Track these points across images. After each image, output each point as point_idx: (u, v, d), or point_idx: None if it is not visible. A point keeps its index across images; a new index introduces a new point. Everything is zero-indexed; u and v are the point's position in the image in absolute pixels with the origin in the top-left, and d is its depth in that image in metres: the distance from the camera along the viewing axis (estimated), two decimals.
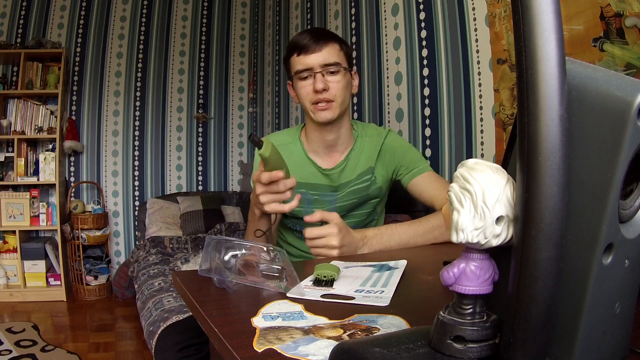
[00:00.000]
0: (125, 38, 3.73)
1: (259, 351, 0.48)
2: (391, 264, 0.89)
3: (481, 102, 1.65)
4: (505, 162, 0.41)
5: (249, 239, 1.09)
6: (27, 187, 3.32)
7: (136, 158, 3.77)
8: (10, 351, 2.26)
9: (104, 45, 3.66)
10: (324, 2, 2.83)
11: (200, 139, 3.97)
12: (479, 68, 1.65)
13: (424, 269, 0.91)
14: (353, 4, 2.50)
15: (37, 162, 3.34)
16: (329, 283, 0.74)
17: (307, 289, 0.71)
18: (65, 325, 2.76)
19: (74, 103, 3.60)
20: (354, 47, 2.48)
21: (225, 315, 0.60)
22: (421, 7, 1.95)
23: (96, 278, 3.33)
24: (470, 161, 0.38)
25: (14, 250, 3.21)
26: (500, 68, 1.54)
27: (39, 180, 3.27)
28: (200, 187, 3.96)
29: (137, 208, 3.71)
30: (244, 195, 3.67)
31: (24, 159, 3.28)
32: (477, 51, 1.65)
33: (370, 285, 0.73)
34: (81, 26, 3.60)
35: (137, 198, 3.76)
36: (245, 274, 0.71)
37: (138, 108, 3.77)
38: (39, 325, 2.67)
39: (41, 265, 3.21)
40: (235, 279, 0.71)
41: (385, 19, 2.21)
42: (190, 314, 1.38)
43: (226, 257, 0.71)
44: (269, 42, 3.77)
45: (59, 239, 3.28)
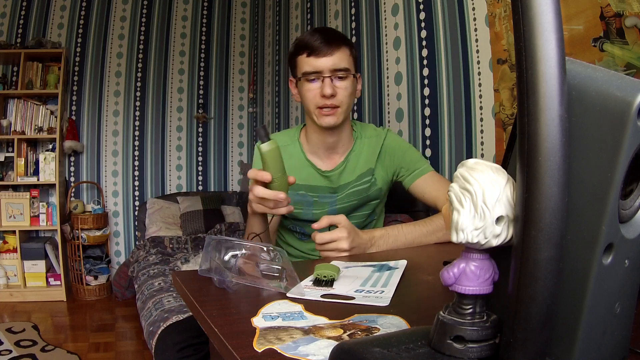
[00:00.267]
0: (125, 38, 3.72)
1: (259, 351, 0.48)
2: (391, 264, 0.89)
3: (481, 102, 1.65)
4: (505, 162, 0.41)
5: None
6: (27, 187, 3.32)
7: (136, 158, 3.77)
8: (10, 351, 2.26)
9: (104, 45, 3.66)
10: (324, 2, 2.83)
11: (200, 139, 3.97)
12: (479, 68, 1.65)
13: (424, 269, 0.91)
14: (353, 4, 2.50)
15: (37, 162, 3.34)
16: (329, 283, 0.74)
17: (307, 289, 0.71)
18: (65, 325, 2.76)
19: (74, 103, 3.60)
20: None
21: (225, 315, 0.60)
22: (421, 7, 1.95)
23: (96, 278, 3.33)
24: (470, 161, 0.38)
25: (14, 250, 3.21)
26: (500, 68, 1.54)
27: (39, 180, 3.27)
28: (200, 187, 3.96)
29: (137, 208, 3.71)
30: (244, 195, 3.67)
31: (24, 159, 3.28)
32: (477, 51, 1.65)
33: (370, 285, 0.73)
34: (81, 26, 3.60)
35: (137, 198, 3.76)
36: (245, 274, 0.71)
37: (138, 108, 3.77)
38: (39, 325, 2.67)
39: (41, 265, 3.21)
40: (235, 279, 0.71)
41: (385, 19, 2.21)
42: (190, 314, 1.38)
43: (226, 257, 0.71)
44: (269, 42, 3.77)
45: (59, 239, 3.28)
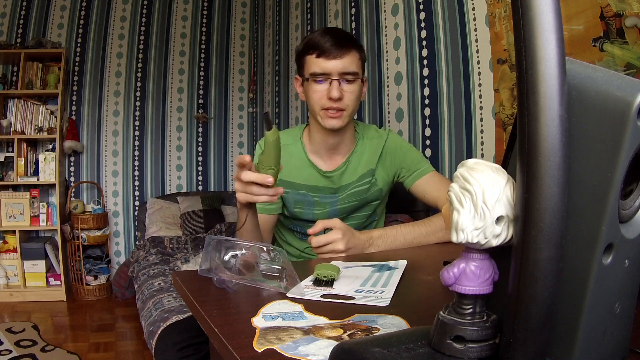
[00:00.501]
0: (125, 38, 3.72)
1: (259, 351, 0.48)
2: (391, 264, 0.89)
3: (481, 102, 1.65)
4: (505, 162, 0.41)
5: (238, 235, 1.08)
6: (27, 187, 3.32)
7: (136, 158, 3.77)
8: (10, 351, 2.26)
9: (104, 45, 3.66)
10: (324, 2, 2.83)
11: (200, 139, 3.97)
12: (479, 68, 1.65)
13: (424, 269, 0.91)
14: (353, 4, 2.50)
15: (37, 162, 3.33)
16: (329, 283, 0.74)
17: (307, 289, 0.71)
18: (65, 325, 2.76)
19: (74, 103, 3.60)
20: None
21: (225, 315, 0.60)
22: (421, 7, 1.95)
23: (96, 278, 3.33)
24: (470, 161, 0.38)
25: (14, 250, 3.21)
26: (500, 68, 1.54)
27: (39, 180, 3.27)
28: (200, 187, 3.96)
29: (137, 208, 3.71)
30: None
31: (24, 159, 3.28)
32: (477, 51, 1.65)
33: (370, 285, 0.73)
34: (81, 26, 3.60)
35: (137, 198, 3.76)
36: (245, 274, 0.71)
37: (138, 108, 3.77)
38: (39, 325, 2.67)
39: (41, 265, 3.21)
40: (235, 279, 0.71)
41: (385, 19, 2.21)
42: (190, 314, 1.38)
43: (226, 257, 0.71)
44: (269, 42, 3.77)
45: (59, 239, 3.28)
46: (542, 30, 0.30)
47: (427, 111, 1.93)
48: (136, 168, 3.77)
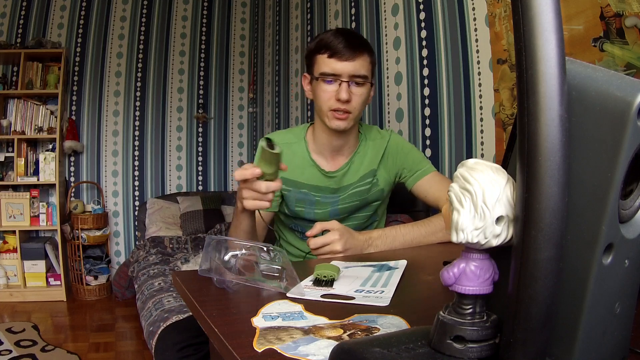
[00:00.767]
0: (125, 38, 3.72)
1: (259, 351, 0.48)
2: (391, 264, 0.89)
3: (481, 102, 1.65)
4: (505, 162, 0.41)
5: (232, 235, 1.09)
6: (27, 187, 3.32)
7: (136, 158, 3.77)
8: (10, 351, 2.26)
9: (104, 45, 3.66)
10: (324, 2, 2.83)
11: (200, 139, 3.97)
12: (479, 68, 1.65)
13: (424, 269, 0.91)
14: (353, 4, 2.50)
15: (37, 162, 3.33)
16: (329, 283, 0.74)
17: (307, 289, 0.71)
18: (65, 325, 2.76)
19: (74, 103, 3.60)
20: None
21: (225, 315, 0.60)
22: (421, 7, 1.95)
23: (96, 278, 3.33)
24: (470, 161, 0.38)
25: (14, 250, 3.21)
26: (500, 68, 1.54)
27: (39, 180, 3.27)
28: (200, 187, 3.96)
29: (137, 208, 3.71)
30: None
31: (24, 159, 3.28)
32: (477, 51, 1.65)
33: (370, 285, 0.73)
34: (81, 26, 3.60)
35: (137, 198, 3.75)
36: (245, 274, 0.71)
37: (138, 108, 3.77)
38: (39, 325, 2.67)
39: (41, 265, 3.21)
40: (235, 279, 0.71)
41: (385, 19, 2.21)
42: (190, 314, 1.38)
43: (226, 257, 0.71)
44: (269, 42, 3.77)
45: (59, 239, 3.28)
46: (542, 30, 0.30)
47: (427, 111, 1.93)
48: (136, 168, 3.77)
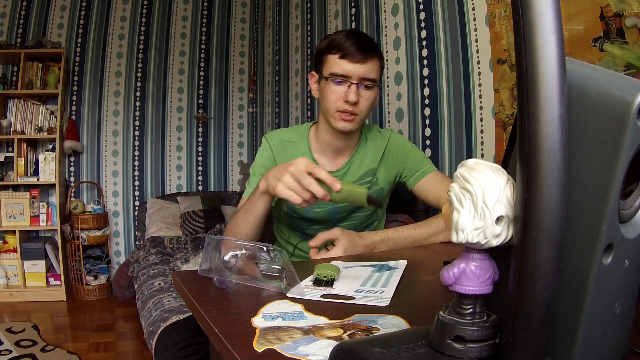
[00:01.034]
0: (125, 38, 3.72)
1: (259, 351, 0.48)
2: (391, 264, 0.89)
3: (481, 102, 1.65)
4: (505, 162, 0.41)
5: (237, 219, 1.08)
6: (27, 187, 3.32)
7: (136, 158, 3.77)
8: (10, 351, 2.26)
9: (104, 45, 3.66)
10: (324, 2, 2.83)
11: (200, 139, 3.97)
12: (479, 68, 1.65)
13: (424, 269, 0.91)
14: (353, 4, 2.50)
15: (37, 162, 3.33)
16: (329, 283, 0.74)
17: (307, 289, 0.71)
18: (65, 325, 2.76)
19: (74, 103, 3.60)
20: None
21: (225, 315, 0.60)
22: (421, 7, 1.95)
23: (96, 278, 3.33)
24: (470, 161, 0.38)
25: (14, 250, 3.20)
26: (500, 68, 1.54)
27: (39, 180, 3.27)
28: (200, 187, 3.96)
29: (137, 208, 3.71)
30: None
31: (24, 159, 3.28)
32: (477, 51, 1.65)
33: (370, 285, 0.73)
34: (81, 26, 3.60)
35: (137, 198, 3.75)
36: (245, 274, 0.71)
37: (138, 108, 3.77)
38: (39, 325, 2.67)
39: (41, 265, 3.21)
40: (235, 279, 0.71)
41: (385, 19, 2.21)
42: (190, 314, 1.38)
43: (226, 257, 0.71)
44: (269, 42, 3.77)
45: (59, 239, 3.28)
46: (542, 30, 0.30)
47: (427, 111, 1.93)
48: (136, 168, 3.77)
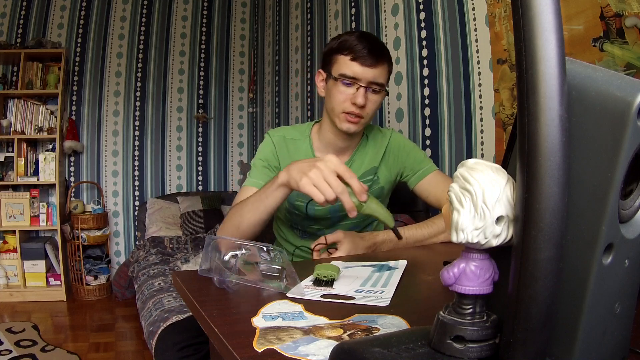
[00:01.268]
0: (125, 38, 3.72)
1: (259, 351, 0.48)
2: (391, 264, 0.89)
3: (481, 102, 1.65)
4: (505, 162, 0.41)
5: (245, 207, 1.05)
6: (27, 187, 3.32)
7: (136, 158, 3.77)
8: (10, 351, 2.26)
9: (104, 45, 3.66)
10: (324, 2, 2.83)
11: (200, 139, 3.97)
12: (479, 68, 1.65)
13: (424, 269, 0.91)
14: (353, 4, 2.50)
15: (37, 162, 3.33)
16: (329, 283, 0.74)
17: (307, 289, 0.71)
18: (65, 325, 2.76)
19: (74, 103, 3.60)
20: None
21: (225, 315, 0.60)
22: (421, 7, 1.95)
23: (96, 278, 3.33)
24: (470, 161, 0.38)
25: (14, 250, 3.20)
26: (500, 68, 1.54)
27: (39, 180, 3.27)
28: (200, 187, 3.96)
29: (137, 208, 3.71)
30: None
31: (24, 159, 3.28)
32: (477, 51, 1.65)
33: (370, 285, 0.73)
34: (81, 26, 3.60)
35: (137, 198, 3.75)
36: (245, 274, 0.71)
37: (138, 108, 3.77)
38: (39, 325, 2.67)
39: (41, 265, 3.21)
40: (235, 279, 0.71)
41: (385, 19, 2.21)
42: (190, 314, 1.38)
43: (226, 257, 0.71)
44: (269, 42, 3.77)
45: (59, 239, 3.28)
46: (542, 30, 0.30)
47: (427, 111, 1.93)
48: (136, 168, 3.77)
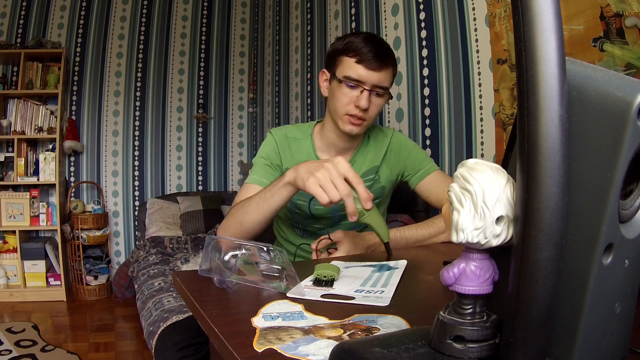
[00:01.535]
0: (125, 38, 3.72)
1: (259, 351, 0.48)
2: (391, 264, 0.89)
3: (481, 102, 1.65)
4: (505, 162, 0.41)
5: (246, 209, 1.04)
6: (27, 187, 3.32)
7: (136, 158, 3.77)
8: (10, 351, 2.26)
9: (104, 45, 3.66)
10: (324, 2, 2.83)
11: (200, 139, 3.97)
12: (479, 68, 1.65)
13: (424, 269, 0.91)
14: (353, 4, 2.50)
15: (37, 162, 3.33)
16: (329, 283, 0.74)
17: (307, 289, 0.71)
18: (65, 325, 2.76)
19: (74, 103, 3.60)
20: None
21: (225, 315, 0.60)
22: (421, 7, 1.95)
23: (96, 278, 3.33)
24: (470, 161, 0.38)
25: (14, 250, 3.20)
26: (500, 68, 1.54)
27: (39, 180, 3.27)
28: (200, 187, 3.96)
29: (137, 208, 3.71)
30: None
31: (24, 159, 3.28)
32: (477, 51, 1.65)
33: (370, 285, 0.73)
34: (81, 26, 3.60)
35: (137, 198, 3.75)
36: (245, 274, 0.71)
37: (138, 108, 3.77)
38: (39, 325, 2.67)
39: (41, 265, 3.21)
40: (235, 279, 0.71)
41: (385, 19, 2.21)
42: (190, 314, 1.38)
43: (226, 257, 0.71)
44: (269, 42, 3.77)
45: (59, 239, 3.28)
46: (542, 30, 0.30)
47: (427, 111, 1.93)
48: (136, 168, 3.77)
